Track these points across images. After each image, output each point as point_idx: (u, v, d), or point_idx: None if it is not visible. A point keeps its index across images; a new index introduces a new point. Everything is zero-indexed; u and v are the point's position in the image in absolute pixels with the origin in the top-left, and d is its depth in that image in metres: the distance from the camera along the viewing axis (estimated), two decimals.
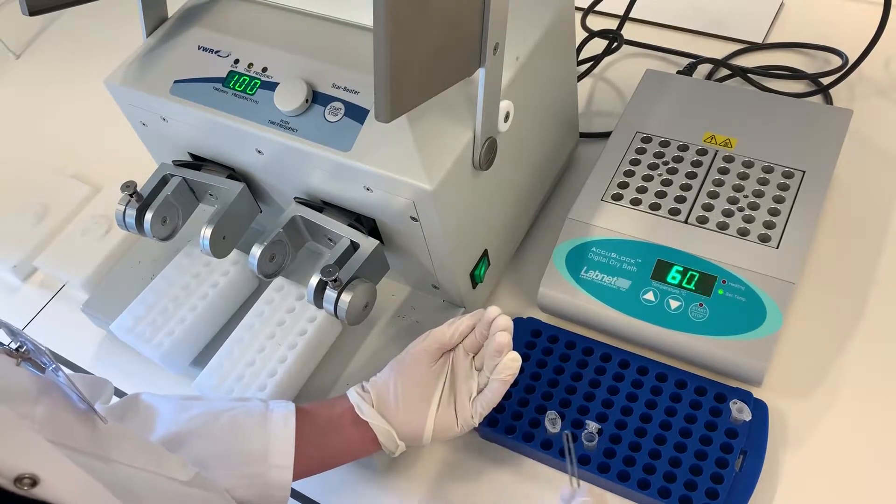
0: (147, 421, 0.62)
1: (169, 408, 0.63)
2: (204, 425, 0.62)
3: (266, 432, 0.62)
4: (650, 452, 0.67)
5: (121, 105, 0.79)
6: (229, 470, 0.61)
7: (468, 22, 0.56)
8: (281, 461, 0.62)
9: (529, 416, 0.71)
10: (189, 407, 0.64)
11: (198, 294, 0.81)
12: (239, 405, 0.65)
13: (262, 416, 0.63)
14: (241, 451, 0.62)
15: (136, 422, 0.62)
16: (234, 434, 0.62)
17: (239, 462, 0.61)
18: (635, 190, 0.79)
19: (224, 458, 0.61)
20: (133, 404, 0.64)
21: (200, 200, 0.80)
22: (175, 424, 0.62)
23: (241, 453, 0.61)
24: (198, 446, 0.61)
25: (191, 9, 0.77)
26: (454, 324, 0.67)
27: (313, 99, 0.67)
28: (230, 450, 0.62)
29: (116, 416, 0.62)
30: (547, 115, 0.80)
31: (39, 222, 1.01)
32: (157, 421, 0.62)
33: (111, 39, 1.15)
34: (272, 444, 0.62)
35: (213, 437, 0.61)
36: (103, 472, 0.47)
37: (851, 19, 1.01)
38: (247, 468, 0.61)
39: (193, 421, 0.62)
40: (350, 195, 0.70)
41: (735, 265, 0.72)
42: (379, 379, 0.67)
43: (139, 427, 0.62)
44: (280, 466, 0.62)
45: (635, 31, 1.06)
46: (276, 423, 0.63)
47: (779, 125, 0.81)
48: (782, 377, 0.72)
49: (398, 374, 0.67)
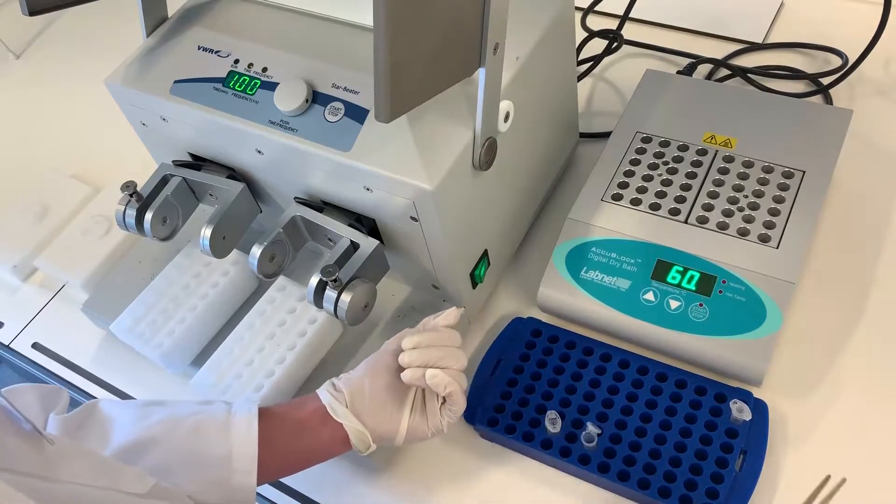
0: (105, 430, 0.61)
1: (128, 415, 0.63)
2: (165, 432, 0.61)
3: (228, 437, 0.62)
4: (650, 452, 0.67)
5: (121, 105, 0.79)
6: (192, 475, 0.60)
7: (468, 22, 0.56)
8: (244, 466, 0.61)
9: (529, 416, 0.71)
10: (149, 414, 0.63)
11: (198, 294, 0.81)
12: (202, 409, 0.64)
13: (225, 421, 0.62)
14: (204, 456, 0.61)
15: (95, 431, 0.61)
16: (196, 439, 0.61)
17: (201, 468, 0.61)
18: (635, 190, 0.79)
19: (186, 463, 0.61)
20: (90, 413, 0.63)
21: (200, 200, 0.80)
22: (134, 432, 0.61)
23: (203, 459, 0.61)
24: (159, 453, 0.60)
25: (191, 9, 0.77)
26: (425, 325, 0.67)
27: (313, 99, 0.67)
28: (192, 456, 0.61)
29: (73, 427, 0.61)
30: (547, 115, 0.80)
31: (39, 222, 1.01)
32: (116, 429, 0.61)
33: (111, 39, 1.15)
34: (235, 449, 0.61)
35: (174, 444, 0.61)
36: (49, 492, 0.47)
37: (851, 19, 1.00)
38: (209, 473, 0.61)
39: (154, 428, 0.61)
40: (350, 195, 0.70)
41: (735, 265, 0.72)
42: (353, 378, 0.66)
43: (97, 436, 0.61)
44: (243, 471, 0.61)
45: (635, 31, 1.06)
46: (238, 428, 0.62)
47: (779, 125, 0.81)
48: (782, 377, 0.72)
49: (372, 375, 0.66)
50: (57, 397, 0.63)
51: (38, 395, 0.61)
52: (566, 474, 0.71)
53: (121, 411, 0.63)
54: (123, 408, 0.64)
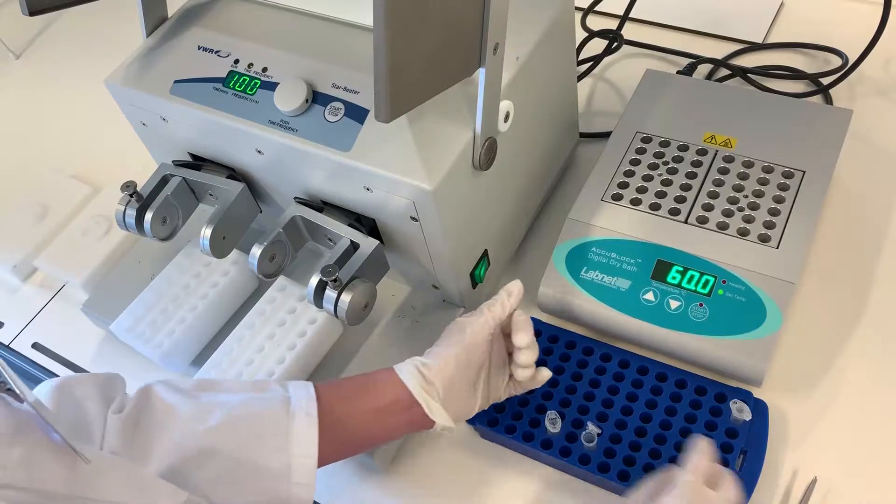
0: (162, 430, 0.59)
1: (185, 412, 0.60)
2: (223, 440, 0.59)
3: (288, 446, 0.59)
4: (650, 452, 0.67)
5: (121, 105, 0.79)
6: (249, 486, 0.59)
7: (468, 22, 0.56)
8: (303, 479, 0.60)
9: (529, 416, 0.71)
10: (206, 413, 0.60)
11: (198, 294, 0.81)
12: (259, 408, 0.61)
13: (285, 428, 0.60)
14: (262, 468, 0.59)
15: (152, 431, 0.59)
16: (255, 448, 0.59)
17: (259, 479, 0.59)
18: (635, 190, 0.79)
19: (244, 476, 0.59)
20: (147, 405, 0.60)
21: (200, 200, 0.80)
22: (193, 440, 0.58)
23: (261, 471, 0.59)
24: (218, 464, 0.58)
25: (191, 9, 0.77)
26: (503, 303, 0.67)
27: (313, 99, 0.67)
28: (250, 468, 0.59)
29: (131, 426, 0.58)
30: (547, 115, 0.80)
31: (39, 222, 1.01)
32: (173, 430, 0.59)
33: (111, 39, 1.15)
34: (294, 461, 0.59)
35: (233, 453, 0.59)
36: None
37: (851, 19, 1.01)
38: (267, 485, 0.59)
39: (212, 435, 0.59)
40: (350, 195, 0.70)
41: (735, 265, 0.72)
42: (445, 372, 0.64)
43: (155, 437, 0.58)
44: (302, 484, 0.60)
45: (635, 31, 1.06)
46: (297, 436, 0.60)
47: (779, 125, 0.81)
48: (782, 377, 0.72)
49: (465, 368, 0.64)
50: (114, 387, 0.61)
51: (97, 386, 0.59)
52: (566, 474, 0.71)
53: (177, 404, 0.60)
54: (180, 400, 0.60)
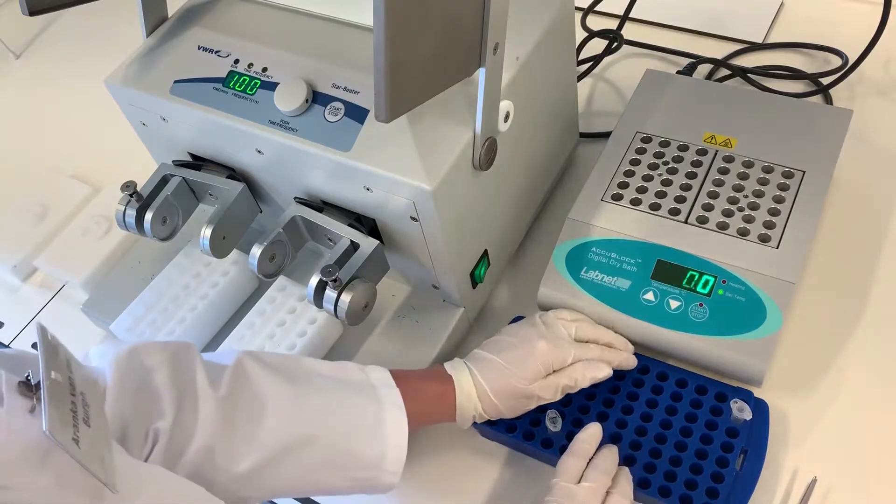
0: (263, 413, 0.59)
1: (284, 397, 0.60)
2: (322, 429, 0.60)
3: (382, 436, 0.62)
4: (651, 451, 0.67)
5: (121, 105, 0.79)
6: (344, 473, 0.61)
7: (468, 22, 0.56)
8: (394, 467, 0.62)
9: (530, 415, 0.71)
10: (303, 403, 0.61)
11: (198, 294, 0.81)
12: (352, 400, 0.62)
13: (377, 417, 0.62)
14: (358, 456, 0.61)
15: (253, 413, 0.59)
16: (351, 438, 0.61)
17: (354, 467, 0.61)
18: (635, 190, 0.79)
19: (341, 464, 0.61)
20: (244, 386, 0.60)
21: (200, 200, 0.80)
22: (291, 427, 0.59)
23: (357, 459, 0.61)
24: (316, 451, 0.60)
25: (191, 9, 0.77)
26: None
27: (313, 99, 0.67)
28: (347, 456, 0.61)
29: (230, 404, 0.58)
30: (547, 115, 0.80)
31: (39, 222, 1.01)
32: (274, 415, 0.59)
33: (111, 39, 1.15)
34: (389, 453, 0.62)
35: (332, 442, 0.61)
36: None
37: (851, 19, 1.01)
38: (361, 473, 0.62)
39: (310, 425, 0.60)
40: (350, 195, 0.70)
41: (735, 265, 0.72)
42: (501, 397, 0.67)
43: (256, 418, 0.58)
44: (391, 472, 0.62)
45: (635, 31, 1.06)
46: (391, 426, 0.62)
47: (779, 125, 0.81)
48: (783, 377, 0.72)
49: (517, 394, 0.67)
50: (187, 357, 0.59)
51: (167, 356, 0.58)
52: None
53: (274, 388, 0.60)
54: (275, 384, 0.60)
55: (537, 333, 0.69)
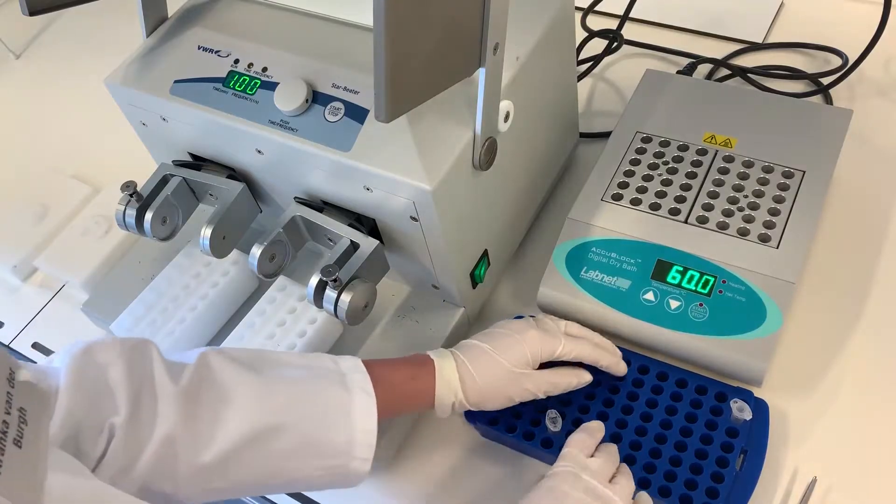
0: (228, 404, 0.58)
1: (250, 388, 0.59)
2: (292, 418, 0.59)
3: (351, 423, 0.61)
4: (651, 451, 0.67)
5: (121, 105, 0.79)
6: (314, 462, 0.60)
7: (468, 22, 0.56)
8: (363, 454, 0.61)
9: (530, 415, 0.71)
10: (270, 391, 0.60)
11: (198, 294, 0.81)
12: (320, 388, 0.61)
13: (347, 404, 0.61)
14: (327, 444, 0.60)
15: (217, 404, 0.58)
16: (322, 426, 0.60)
17: (324, 455, 0.61)
18: (635, 190, 0.79)
19: (311, 452, 0.60)
20: (207, 378, 0.59)
21: (200, 200, 0.80)
22: (260, 417, 0.58)
23: (326, 446, 0.60)
24: (286, 440, 0.59)
25: (191, 9, 0.77)
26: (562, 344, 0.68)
27: (313, 99, 0.67)
28: (317, 444, 0.60)
29: (193, 396, 0.57)
30: (547, 115, 0.80)
31: (39, 222, 1.01)
32: (240, 406, 0.58)
33: (111, 39, 1.15)
34: (357, 437, 0.61)
35: (301, 430, 0.60)
36: None
37: (851, 19, 1.01)
38: (330, 461, 0.61)
39: (279, 414, 0.59)
40: (350, 195, 0.70)
41: (735, 265, 0.72)
42: (484, 395, 0.67)
43: (221, 410, 0.57)
44: (361, 459, 0.61)
45: (635, 31, 1.06)
46: (359, 413, 0.61)
47: (779, 125, 0.81)
48: (783, 377, 0.72)
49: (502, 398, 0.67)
50: (143, 353, 0.58)
51: (124, 352, 0.56)
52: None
53: (239, 379, 0.59)
54: (240, 374, 0.60)
55: (528, 325, 0.69)
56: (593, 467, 0.61)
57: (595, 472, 0.60)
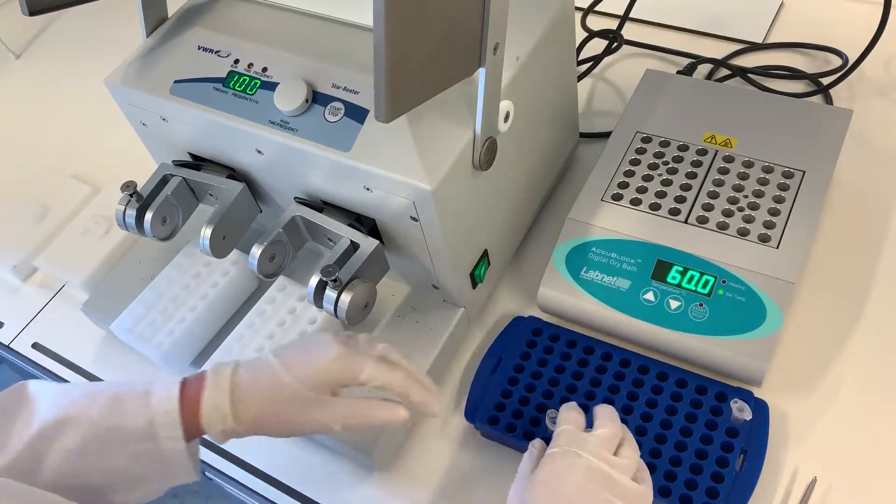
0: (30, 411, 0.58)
1: (50, 394, 0.59)
2: (82, 408, 0.58)
3: (148, 405, 0.58)
4: (651, 451, 0.67)
5: (121, 105, 0.79)
6: (115, 450, 0.58)
7: (468, 22, 0.56)
8: (168, 432, 0.57)
9: (530, 415, 0.71)
10: (70, 390, 0.59)
11: (198, 294, 0.81)
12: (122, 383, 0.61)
13: (144, 391, 0.59)
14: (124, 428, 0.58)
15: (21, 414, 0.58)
16: (114, 411, 0.58)
17: (123, 441, 0.58)
18: (635, 190, 0.79)
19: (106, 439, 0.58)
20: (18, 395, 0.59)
21: (200, 200, 0.80)
22: (53, 410, 0.58)
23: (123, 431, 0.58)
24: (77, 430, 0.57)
25: (191, 9, 0.77)
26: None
27: (313, 99, 0.67)
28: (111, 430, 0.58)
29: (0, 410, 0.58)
30: (547, 115, 0.80)
31: (39, 222, 1.01)
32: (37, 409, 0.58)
33: (111, 39, 1.15)
34: (156, 418, 0.58)
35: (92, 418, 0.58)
36: None
37: (851, 19, 1.01)
38: (133, 447, 0.58)
39: (71, 406, 0.58)
40: (350, 195, 0.70)
41: (735, 265, 0.72)
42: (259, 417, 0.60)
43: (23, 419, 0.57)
44: (171, 438, 0.58)
45: (635, 31, 1.06)
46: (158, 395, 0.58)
47: (779, 125, 0.81)
48: (783, 377, 0.72)
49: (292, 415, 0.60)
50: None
51: None
52: None
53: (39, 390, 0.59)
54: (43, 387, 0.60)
55: (335, 339, 0.61)
56: (592, 445, 0.56)
57: (595, 451, 0.56)
